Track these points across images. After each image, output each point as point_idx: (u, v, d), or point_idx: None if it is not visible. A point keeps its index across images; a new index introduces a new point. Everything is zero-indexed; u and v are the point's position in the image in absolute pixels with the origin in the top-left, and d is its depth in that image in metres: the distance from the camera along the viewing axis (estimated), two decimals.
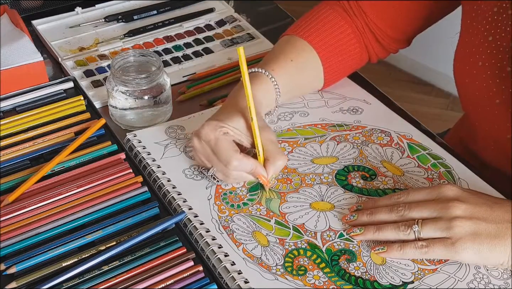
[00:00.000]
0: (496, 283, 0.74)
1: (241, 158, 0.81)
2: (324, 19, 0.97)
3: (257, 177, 0.84)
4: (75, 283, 0.72)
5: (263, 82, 0.90)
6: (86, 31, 1.15)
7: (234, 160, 0.81)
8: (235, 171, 0.82)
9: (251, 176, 0.84)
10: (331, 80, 0.99)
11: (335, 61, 0.97)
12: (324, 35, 0.96)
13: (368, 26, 0.97)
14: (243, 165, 0.82)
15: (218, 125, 0.82)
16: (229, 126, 0.83)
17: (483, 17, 0.85)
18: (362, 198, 0.84)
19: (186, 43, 1.14)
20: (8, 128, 0.92)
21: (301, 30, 0.96)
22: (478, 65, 0.86)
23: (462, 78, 0.91)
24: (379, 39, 0.98)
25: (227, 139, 0.82)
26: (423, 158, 0.90)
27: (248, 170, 0.83)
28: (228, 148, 0.81)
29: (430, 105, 2.43)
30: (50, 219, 0.79)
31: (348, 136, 0.93)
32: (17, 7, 1.17)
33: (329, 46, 0.96)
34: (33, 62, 1.00)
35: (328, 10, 0.98)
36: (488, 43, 0.85)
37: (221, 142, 0.81)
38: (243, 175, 0.83)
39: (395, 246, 0.76)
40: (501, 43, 0.83)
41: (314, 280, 0.74)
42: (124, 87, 0.93)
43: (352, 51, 0.98)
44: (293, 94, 0.97)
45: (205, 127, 0.82)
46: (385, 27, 0.97)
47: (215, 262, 0.76)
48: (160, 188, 0.85)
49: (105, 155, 0.89)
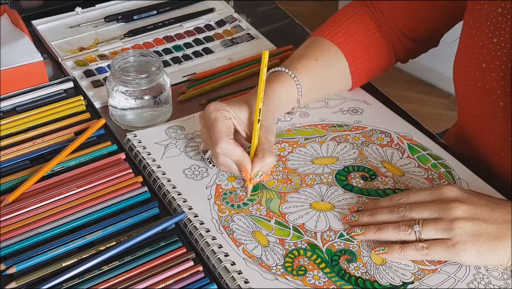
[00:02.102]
0: (496, 283, 0.74)
1: (230, 143, 0.82)
2: (348, 19, 0.98)
3: (242, 171, 0.83)
4: (75, 283, 0.72)
5: (285, 81, 0.91)
6: (86, 31, 1.15)
7: (223, 142, 0.82)
8: (222, 154, 0.82)
9: (237, 169, 0.84)
10: (359, 79, 0.99)
11: (362, 60, 0.97)
12: (349, 34, 0.97)
13: (388, 25, 0.98)
14: (231, 150, 0.82)
15: (222, 107, 0.84)
16: (232, 112, 0.84)
17: (486, 18, 0.85)
18: (362, 198, 0.84)
19: (186, 43, 1.14)
20: (8, 128, 0.92)
21: (326, 31, 0.97)
22: (481, 67, 0.85)
23: (463, 81, 0.90)
24: (400, 38, 0.99)
25: (225, 123, 0.83)
26: (423, 158, 0.90)
27: (234, 158, 0.83)
28: (222, 130, 0.83)
29: (430, 105, 2.43)
30: (50, 219, 0.79)
31: (348, 137, 0.93)
32: (17, 7, 1.17)
33: (355, 45, 0.96)
34: (33, 62, 1.00)
35: (353, 10, 0.99)
36: (492, 45, 0.84)
37: (219, 123, 0.83)
38: (230, 163, 0.83)
39: (396, 247, 0.76)
40: (505, 44, 0.83)
41: (314, 280, 0.74)
42: (124, 87, 0.93)
43: (379, 49, 0.98)
44: (319, 93, 0.98)
45: (210, 107, 0.85)
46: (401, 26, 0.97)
47: (215, 262, 0.76)
48: (160, 188, 0.85)
49: (105, 155, 0.89)
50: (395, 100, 1.02)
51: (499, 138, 0.87)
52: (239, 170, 0.84)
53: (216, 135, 0.82)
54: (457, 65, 0.92)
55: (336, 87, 1.00)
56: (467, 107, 0.93)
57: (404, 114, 0.98)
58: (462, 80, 0.91)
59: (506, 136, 0.85)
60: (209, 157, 0.87)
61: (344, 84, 0.99)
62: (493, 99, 0.85)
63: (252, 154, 0.84)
